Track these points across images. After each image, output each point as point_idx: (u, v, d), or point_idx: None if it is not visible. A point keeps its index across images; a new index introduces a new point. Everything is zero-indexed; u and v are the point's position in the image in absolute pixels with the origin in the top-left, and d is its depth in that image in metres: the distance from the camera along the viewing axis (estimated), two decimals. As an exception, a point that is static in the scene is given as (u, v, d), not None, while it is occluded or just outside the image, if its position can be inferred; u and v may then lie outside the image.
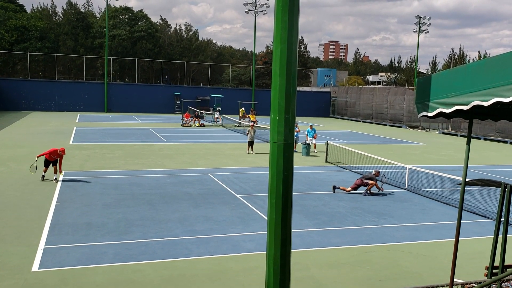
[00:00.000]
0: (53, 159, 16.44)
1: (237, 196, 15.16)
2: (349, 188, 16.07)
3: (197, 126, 39.47)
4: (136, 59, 64.18)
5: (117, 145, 25.80)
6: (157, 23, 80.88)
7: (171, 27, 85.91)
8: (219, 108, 47.67)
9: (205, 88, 59.82)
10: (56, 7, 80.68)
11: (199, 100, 51.99)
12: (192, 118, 40.78)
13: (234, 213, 13.19)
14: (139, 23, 71.96)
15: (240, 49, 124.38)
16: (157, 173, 18.48)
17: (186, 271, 9.06)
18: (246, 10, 54.73)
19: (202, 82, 73.47)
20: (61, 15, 72.55)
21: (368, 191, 16.01)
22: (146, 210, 13.11)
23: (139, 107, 53.16)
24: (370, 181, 15.90)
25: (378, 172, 16.35)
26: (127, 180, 16.89)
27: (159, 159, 21.75)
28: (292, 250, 5.27)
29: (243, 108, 45.60)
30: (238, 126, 40.18)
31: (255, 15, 54.72)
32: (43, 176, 16.43)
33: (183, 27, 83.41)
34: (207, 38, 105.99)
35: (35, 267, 8.91)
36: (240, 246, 10.54)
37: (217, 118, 43.81)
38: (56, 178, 16.41)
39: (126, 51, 68.78)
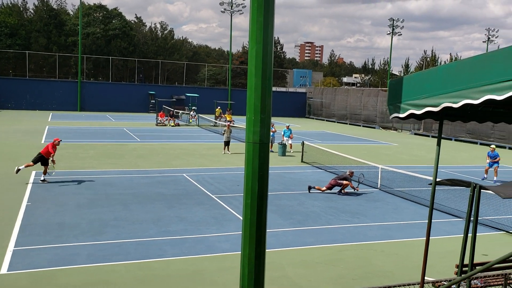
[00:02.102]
0: (49, 156, 15.88)
1: (212, 196, 15.12)
2: (324, 188, 16.22)
3: (172, 126, 39.15)
4: (110, 57, 63.23)
5: (91, 145, 25.38)
6: (132, 22, 79.86)
7: (146, 26, 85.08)
8: (194, 108, 47.40)
9: (180, 87, 59.43)
10: (27, 3, 78.94)
11: (174, 99, 51.59)
12: (167, 118, 40.41)
13: (209, 213, 13.14)
14: (114, 21, 70.90)
15: (216, 48, 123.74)
16: (131, 173, 18.26)
17: (161, 271, 8.99)
18: (222, 10, 54.61)
19: (177, 81, 72.96)
20: (32, 11, 70.91)
21: (342, 190, 16.20)
22: (120, 210, 12.95)
23: (113, 106, 52.37)
24: (344, 182, 16.10)
25: (352, 173, 16.55)
26: (100, 180, 16.64)
27: (133, 159, 21.49)
28: (267, 250, 5.29)
29: (219, 108, 45.47)
30: (214, 125, 40.04)
31: (231, 14, 54.65)
32: (19, 170, 15.62)
33: (158, 25, 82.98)
34: (182, 37, 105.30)
35: (3, 270, 8.69)
36: (215, 247, 10.52)
37: (193, 117, 43.58)
38: (45, 179, 15.80)
39: (100, 49, 67.67)
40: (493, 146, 21.53)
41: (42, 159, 15.87)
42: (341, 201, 15.25)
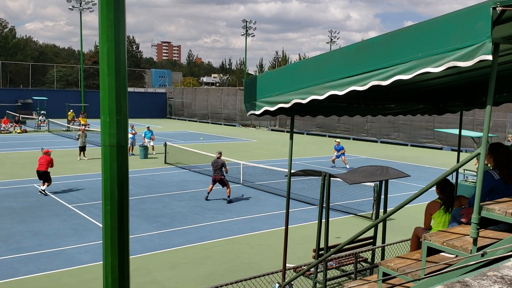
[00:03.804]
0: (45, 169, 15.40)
1: (69, 206, 14.11)
2: (211, 186, 15.59)
3: (18, 133, 35.63)
4: None
5: None
6: (-38, 17, 70.49)
7: (-20, 22, 75.73)
8: (43, 112, 43.57)
9: (26, 90, 54.13)
10: None
11: (19, 104, 46.99)
12: (11, 124, 36.70)
13: (66, 224, 12.24)
14: None
15: (66, 47, 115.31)
16: (-30, 188, 16.13)
17: (12, 294, 8.12)
18: (70, 7, 51.09)
19: (23, 84, 66.35)
20: None
21: (226, 171, 15.45)
22: (-42, 231, 11.37)
23: None
24: (224, 168, 15.39)
25: (220, 153, 15.91)
26: None
27: (-29, 171, 19.02)
28: (132, 256, 5.11)
29: (71, 111, 42.55)
30: (67, 130, 37.40)
31: (81, 12, 51.42)
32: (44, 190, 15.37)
33: (-4, 22, 74.20)
34: (26, 35, 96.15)
35: None
36: (75, 259, 9.84)
37: (42, 122, 40.10)
38: (44, 190, 15.45)
39: None
40: (338, 140, 24.02)
41: (43, 175, 15.51)
42: (206, 200, 15.39)
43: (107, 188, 4.72)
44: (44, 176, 15.47)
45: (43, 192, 15.42)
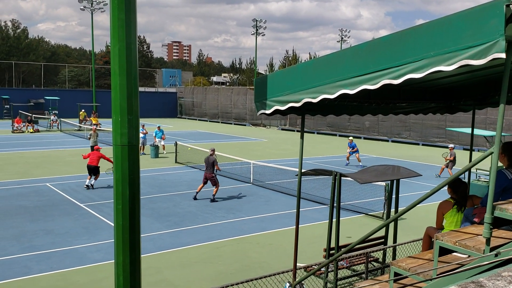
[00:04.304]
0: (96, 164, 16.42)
1: (81, 205, 14.22)
2: (201, 185, 15.78)
3: (31, 132, 36.00)
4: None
5: None
6: (-24, 18, 71.41)
7: (-6, 23, 76.64)
8: (55, 112, 43.99)
9: (39, 90, 54.69)
10: None
11: (32, 104, 47.49)
12: (24, 124, 37.10)
13: (78, 223, 12.35)
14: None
15: (78, 48, 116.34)
16: (-17, 187, 16.34)
17: (25, 292, 8.21)
18: (82, 8, 51.46)
19: (35, 84, 67.05)
20: None
21: (218, 169, 15.53)
22: (-28, 229, 11.52)
23: (-43, 113, 46.30)
24: (216, 166, 15.40)
25: (213, 150, 15.98)
26: None
27: (-15, 171, 19.26)
28: (144, 255, 5.14)
29: (83, 111, 42.89)
30: (79, 130, 37.69)
31: (92, 12, 51.78)
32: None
33: (9, 23, 75.06)
34: (38, 36, 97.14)
35: None
36: (87, 258, 9.92)
37: (54, 122, 40.48)
38: (92, 184, 16.60)
39: None
40: (350, 138, 23.98)
41: (94, 169, 16.52)
42: (216, 199, 15.42)
43: (119, 187, 4.75)
44: (95, 170, 16.58)
45: (90, 186, 16.48)
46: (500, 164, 4.11)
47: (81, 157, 18.08)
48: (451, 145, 21.28)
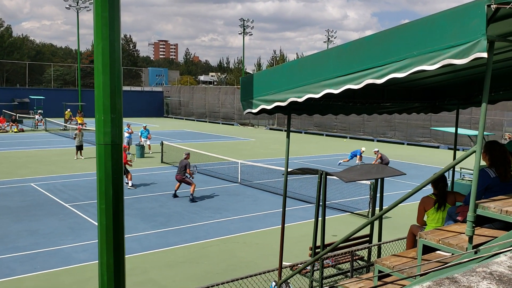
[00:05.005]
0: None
1: (66, 205, 14.07)
2: (178, 185, 15.51)
3: (15, 132, 35.54)
4: None
5: None
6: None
7: (-24, 21, 75.42)
8: (40, 111, 43.46)
9: (23, 89, 53.92)
10: None
11: (16, 103, 46.90)
12: (8, 123, 36.60)
13: (63, 224, 12.22)
14: None
15: (63, 47, 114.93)
16: (-34, 187, 16.08)
17: (8, 293, 8.10)
18: (67, 6, 50.92)
19: (19, 83, 66.13)
20: None
21: (190, 176, 15.41)
22: (-46, 230, 11.33)
23: None
24: (188, 170, 15.31)
25: (188, 154, 15.97)
26: None
27: (-32, 171, 18.95)
28: (130, 255, 5.10)
29: (69, 110, 42.45)
30: (64, 129, 37.30)
31: (77, 11, 51.27)
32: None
33: (-8, 21, 73.89)
34: (23, 34, 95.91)
35: None
36: (72, 258, 9.82)
37: (39, 122, 40.01)
38: (133, 184, 16.65)
39: None
40: (363, 148, 23.16)
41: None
42: (203, 198, 15.39)
43: (102, 187, 4.71)
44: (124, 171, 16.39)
45: (132, 187, 16.52)
46: (483, 163, 4.16)
47: (67, 156, 17.87)
48: (376, 149, 21.61)
